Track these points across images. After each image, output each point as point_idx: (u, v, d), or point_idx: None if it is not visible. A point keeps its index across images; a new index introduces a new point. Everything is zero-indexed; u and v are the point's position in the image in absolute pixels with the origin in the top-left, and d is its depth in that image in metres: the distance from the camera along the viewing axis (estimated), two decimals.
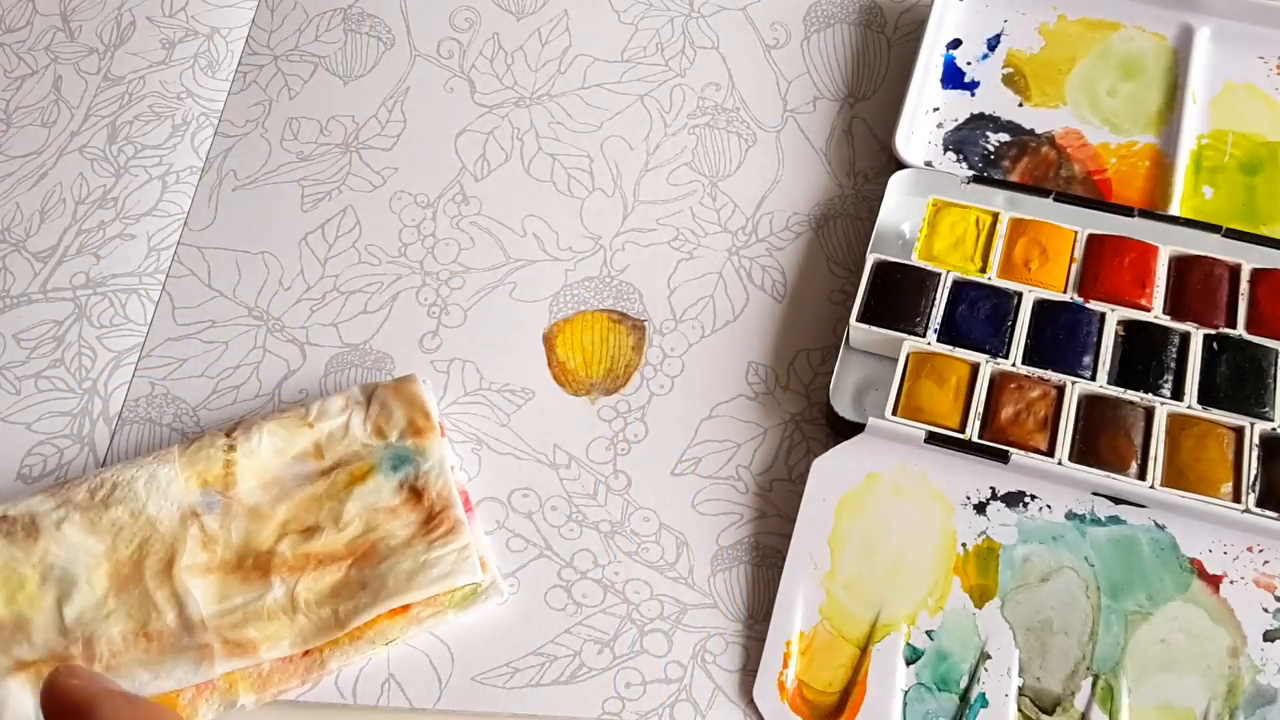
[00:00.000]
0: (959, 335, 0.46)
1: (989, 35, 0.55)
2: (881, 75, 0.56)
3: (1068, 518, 0.43)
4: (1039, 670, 0.41)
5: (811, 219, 0.52)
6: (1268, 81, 0.53)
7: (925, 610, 0.42)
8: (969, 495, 0.44)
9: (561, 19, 0.59)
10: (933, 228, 0.49)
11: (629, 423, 0.47)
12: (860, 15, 0.58)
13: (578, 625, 0.43)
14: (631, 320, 0.50)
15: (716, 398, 0.48)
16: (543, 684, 0.42)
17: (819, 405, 0.47)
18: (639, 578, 0.44)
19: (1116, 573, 0.42)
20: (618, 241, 0.52)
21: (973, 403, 0.44)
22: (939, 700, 0.41)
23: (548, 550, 0.45)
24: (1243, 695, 0.40)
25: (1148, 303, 0.46)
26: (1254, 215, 0.50)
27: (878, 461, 0.44)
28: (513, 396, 0.48)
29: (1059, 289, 0.47)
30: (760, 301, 0.50)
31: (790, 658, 0.42)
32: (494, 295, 0.51)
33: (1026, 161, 0.52)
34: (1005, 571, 0.42)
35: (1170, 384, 0.45)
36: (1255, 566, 0.42)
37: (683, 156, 0.54)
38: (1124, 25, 0.55)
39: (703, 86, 0.56)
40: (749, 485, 0.46)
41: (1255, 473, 0.43)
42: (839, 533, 0.43)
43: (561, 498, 0.46)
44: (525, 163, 0.54)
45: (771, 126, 0.55)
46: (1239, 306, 0.46)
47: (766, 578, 0.44)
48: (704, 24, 0.58)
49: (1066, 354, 0.45)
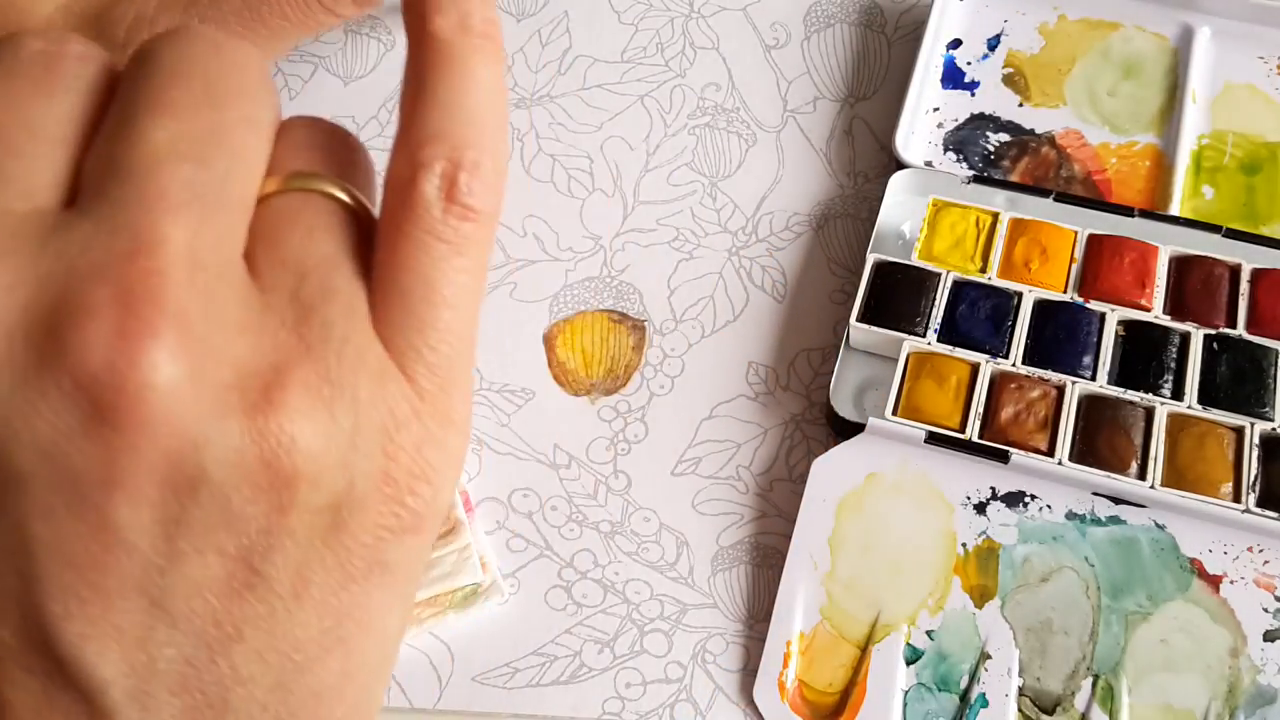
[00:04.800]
0: (959, 335, 0.46)
1: (989, 35, 0.55)
2: (881, 75, 0.56)
3: (1068, 518, 0.43)
4: (1039, 670, 0.41)
5: (811, 219, 0.52)
6: (1268, 81, 0.53)
7: (925, 610, 0.42)
8: (969, 495, 0.44)
9: (561, 20, 0.59)
10: (933, 228, 0.49)
11: (629, 423, 0.47)
12: (860, 15, 0.58)
13: (578, 625, 0.43)
14: (631, 320, 0.50)
15: (716, 398, 0.48)
16: (543, 684, 0.42)
17: (819, 405, 0.47)
18: (639, 578, 0.44)
19: (1117, 573, 0.42)
20: (618, 242, 0.52)
21: (973, 403, 0.44)
22: (939, 700, 0.41)
23: (548, 550, 0.45)
24: (1243, 695, 0.40)
25: (1148, 303, 0.46)
26: (1254, 215, 0.50)
27: (878, 461, 0.44)
28: (513, 397, 0.48)
29: (1059, 289, 0.47)
30: (760, 301, 0.50)
31: (790, 658, 0.42)
32: (494, 295, 0.51)
33: (1026, 161, 0.52)
34: (1005, 572, 0.42)
35: (1170, 384, 0.45)
36: (1255, 566, 0.42)
37: (683, 157, 0.54)
38: (1124, 25, 0.55)
39: (703, 87, 0.56)
40: (749, 485, 0.46)
41: (1255, 473, 0.43)
42: (839, 533, 0.43)
43: (562, 498, 0.46)
44: (525, 163, 0.54)
45: (771, 126, 0.55)
46: (1239, 306, 0.46)
47: (766, 578, 0.44)
48: (704, 24, 0.58)
49: (1066, 354, 0.45)
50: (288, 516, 0.18)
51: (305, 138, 0.20)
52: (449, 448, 0.20)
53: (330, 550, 0.19)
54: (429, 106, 0.19)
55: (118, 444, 0.17)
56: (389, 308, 0.19)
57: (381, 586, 0.20)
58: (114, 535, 0.17)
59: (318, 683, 0.20)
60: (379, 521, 0.19)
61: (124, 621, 0.18)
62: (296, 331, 0.18)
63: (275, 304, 0.18)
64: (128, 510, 0.17)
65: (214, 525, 0.18)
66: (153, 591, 0.18)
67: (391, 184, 0.19)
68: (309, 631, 0.19)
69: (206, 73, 0.19)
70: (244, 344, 0.18)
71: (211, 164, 0.18)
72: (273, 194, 0.19)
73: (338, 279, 0.19)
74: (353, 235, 0.20)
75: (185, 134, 0.18)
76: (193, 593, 0.18)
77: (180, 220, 0.17)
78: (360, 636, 0.20)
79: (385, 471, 0.19)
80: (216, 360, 0.17)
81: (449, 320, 0.19)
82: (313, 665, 0.19)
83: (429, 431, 0.19)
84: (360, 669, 0.20)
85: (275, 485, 0.18)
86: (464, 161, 0.19)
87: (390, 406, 0.19)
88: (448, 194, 0.19)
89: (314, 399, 0.18)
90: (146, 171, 0.18)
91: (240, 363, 0.18)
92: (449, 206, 0.19)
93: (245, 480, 0.17)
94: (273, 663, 0.19)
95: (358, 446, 0.18)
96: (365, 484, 0.19)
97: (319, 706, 0.20)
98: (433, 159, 0.19)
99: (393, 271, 0.19)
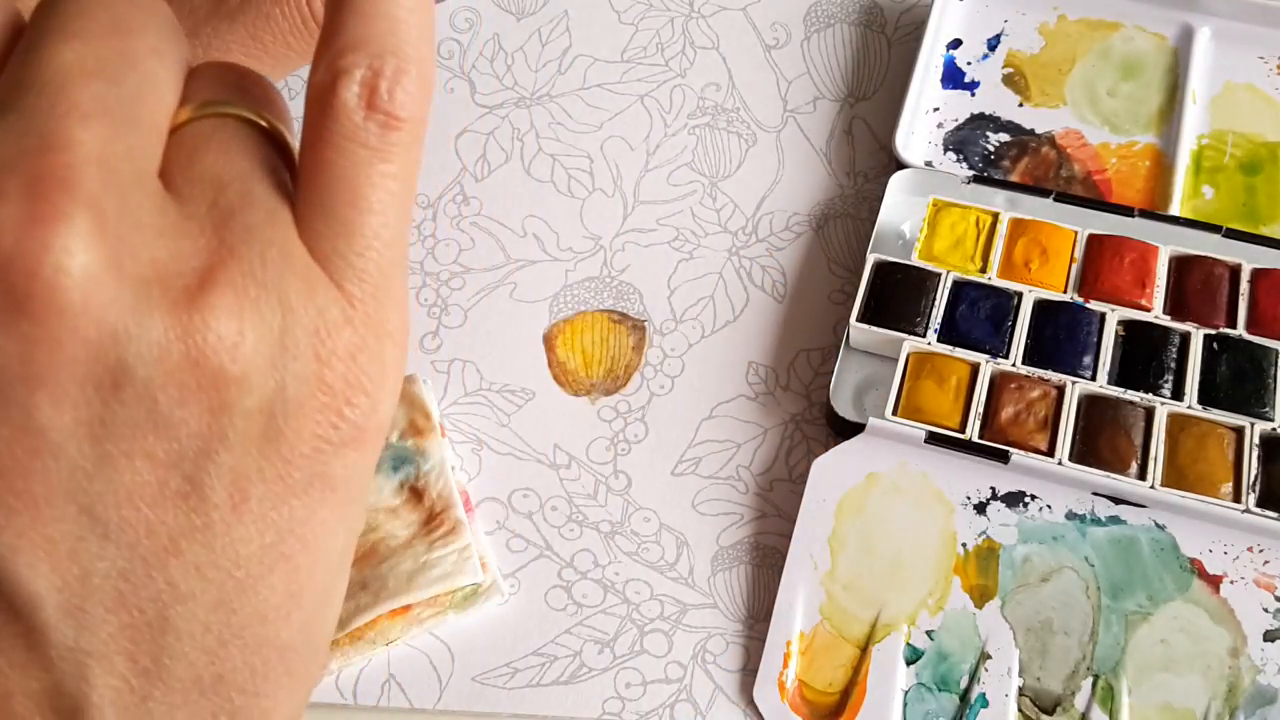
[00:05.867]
0: (959, 335, 0.46)
1: (989, 35, 0.55)
2: (881, 75, 0.56)
3: (1068, 518, 0.43)
4: (1039, 670, 0.41)
5: (811, 219, 0.52)
6: (1268, 81, 0.53)
7: (925, 610, 0.42)
8: (969, 495, 0.44)
9: (561, 19, 0.59)
10: (933, 228, 0.49)
11: (629, 423, 0.47)
12: (860, 15, 0.58)
13: (578, 625, 0.43)
14: (631, 320, 0.50)
15: (716, 398, 0.48)
16: (543, 684, 0.42)
17: (819, 405, 0.47)
18: (639, 578, 0.44)
19: (1117, 573, 0.42)
20: (618, 242, 0.52)
21: (973, 403, 0.44)
22: (939, 700, 0.41)
23: (548, 550, 0.45)
24: (1243, 695, 0.40)
25: (1148, 303, 0.46)
26: (1254, 215, 0.50)
27: (878, 461, 0.44)
28: (513, 397, 0.48)
29: (1059, 289, 0.47)
30: (760, 301, 0.50)
31: (790, 658, 0.42)
32: (494, 295, 0.51)
33: (1027, 161, 0.52)
34: (1005, 571, 0.42)
35: (1170, 384, 0.45)
36: (1255, 566, 0.42)
37: (683, 157, 0.54)
38: (1124, 25, 0.55)
39: (703, 87, 0.56)
40: (749, 485, 0.46)
41: (1255, 473, 0.43)
42: (839, 533, 0.43)
43: (562, 498, 0.46)
44: (525, 163, 0.54)
45: (771, 126, 0.55)
46: (1239, 306, 0.46)
47: (766, 578, 0.44)
48: (704, 24, 0.58)
49: (1066, 354, 0.45)
50: (219, 418, 0.17)
51: (217, 74, 0.20)
52: (385, 359, 0.19)
53: (268, 460, 0.18)
54: (350, 15, 0.19)
55: (35, 336, 0.16)
56: (313, 217, 0.19)
57: (324, 503, 0.19)
58: (39, 438, 0.16)
59: (262, 603, 0.19)
60: (316, 432, 0.18)
61: (54, 532, 0.17)
62: (218, 235, 0.18)
63: (193, 213, 0.18)
64: (51, 410, 0.16)
65: (141, 427, 0.17)
66: (81, 499, 0.17)
67: (312, 93, 0.19)
68: (250, 547, 0.18)
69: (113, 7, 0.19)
70: (162, 246, 0.17)
71: (121, 82, 0.18)
72: (185, 122, 0.19)
73: (257, 189, 0.19)
74: (270, 156, 0.19)
75: (94, 54, 0.18)
76: (124, 501, 0.17)
77: (91, 127, 0.17)
78: (304, 555, 0.19)
79: (319, 376, 0.18)
80: (134, 257, 0.17)
81: (376, 227, 0.19)
82: (255, 583, 0.19)
83: (363, 340, 0.19)
84: (305, 589, 0.20)
85: (203, 385, 0.17)
86: (384, 69, 0.19)
87: (319, 309, 0.18)
88: (369, 101, 0.19)
89: (240, 298, 0.17)
90: (56, 86, 0.17)
91: (160, 263, 0.17)
92: (370, 114, 0.19)
93: (171, 379, 0.17)
94: (213, 579, 0.18)
95: (287, 348, 0.18)
96: (298, 388, 0.18)
97: (264, 628, 0.19)
98: (353, 65, 0.19)
99: (316, 179, 0.19)
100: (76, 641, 0.18)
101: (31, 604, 0.17)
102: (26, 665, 0.18)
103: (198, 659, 0.19)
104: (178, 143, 0.19)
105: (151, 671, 0.18)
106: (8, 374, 0.16)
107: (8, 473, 0.17)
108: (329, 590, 0.20)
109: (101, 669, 0.18)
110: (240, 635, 0.19)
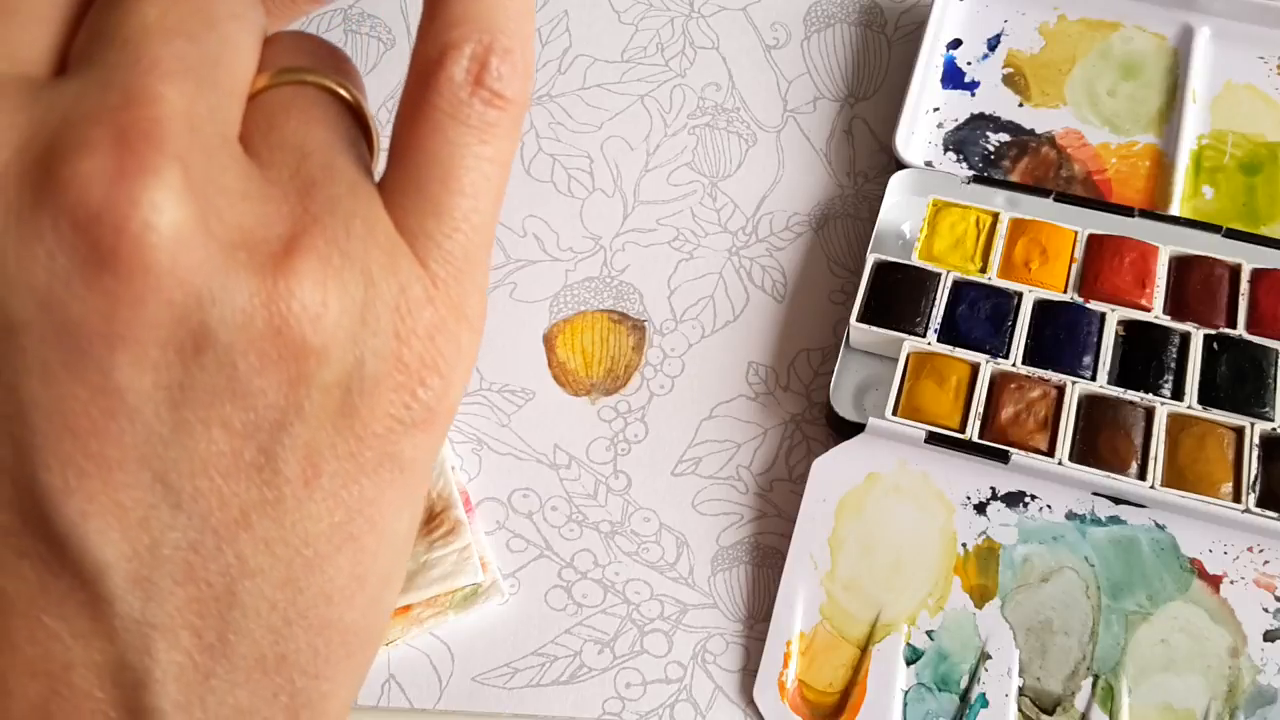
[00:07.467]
0: (959, 335, 0.46)
1: (989, 35, 0.55)
2: (881, 75, 0.56)
3: (1068, 518, 0.43)
4: (1039, 670, 0.41)
5: (811, 219, 0.52)
6: (1268, 81, 0.53)
7: (925, 610, 0.42)
8: (969, 495, 0.44)
9: (561, 19, 0.59)
10: (933, 228, 0.49)
11: (629, 423, 0.47)
12: (860, 15, 0.58)
13: (578, 625, 0.43)
14: (631, 320, 0.50)
15: (716, 398, 0.48)
16: (543, 684, 0.42)
17: (819, 405, 0.47)
18: (639, 578, 0.44)
19: (1117, 573, 0.42)
20: (618, 242, 0.52)
21: (973, 403, 0.44)
22: (939, 700, 0.41)
23: (548, 551, 0.45)
24: (1243, 695, 0.40)
25: (1148, 303, 0.46)
26: (1254, 215, 0.50)
27: (878, 461, 0.44)
28: (513, 397, 0.48)
29: (1059, 289, 0.47)
30: (760, 301, 0.50)
31: (790, 658, 0.42)
32: (494, 295, 0.51)
33: (1027, 161, 0.52)
34: (1005, 571, 0.42)
35: (1170, 384, 0.45)
36: (1255, 566, 0.42)
37: (683, 157, 0.54)
38: (1124, 25, 0.55)
39: (703, 86, 0.56)
40: (749, 485, 0.46)
41: (1255, 473, 0.43)
42: (839, 533, 0.43)
43: (562, 498, 0.46)
44: (525, 163, 0.54)
45: (771, 126, 0.55)
46: (1239, 306, 0.46)
47: (766, 578, 0.44)
48: (704, 24, 0.58)
49: (1066, 354, 0.45)
50: (296, 390, 0.17)
51: (294, 42, 0.20)
52: (462, 342, 0.19)
53: (341, 437, 0.18)
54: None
55: (119, 293, 0.15)
56: (403, 192, 0.18)
57: (392, 484, 0.19)
58: (117, 399, 0.16)
59: (328, 583, 0.18)
60: (390, 411, 0.18)
61: (126, 498, 0.16)
62: (301, 204, 0.17)
63: (277, 179, 0.17)
64: (131, 371, 0.16)
65: (220, 394, 0.16)
66: (156, 465, 0.16)
67: (416, 66, 0.19)
68: (319, 525, 0.18)
69: None
70: (248, 210, 0.17)
71: (202, 42, 0.17)
72: (264, 89, 0.19)
73: (339, 160, 0.18)
74: (350, 127, 0.19)
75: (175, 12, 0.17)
76: (198, 470, 0.17)
77: (175, 85, 0.16)
78: (370, 536, 0.19)
79: (397, 355, 0.18)
80: (220, 219, 0.16)
81: (466, 210, 0.18)
82: (323, 563, 0.18)
83: (443, 320, 0.18)
84: (370, 572, 0.19)
85: (284, 355, 0.17)
86: (495, 46, 0.18)
87: (402, 285, 0.18)
88: (476, 77, 0.18)
89: (324, 266, 0.17)
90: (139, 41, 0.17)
91: (245, 227, 0.17)
92: (476, 90, 0.18)
93: (253, 346, 0.16)
94: (281, 556, 0.18)
95: (368, 322, 0.17)
96: (376, 365, 0.17)
97: (329, 609, 0.19)
98: (463, 40, 0.18)
99: (410, 154, 0.18)
100: (143, 614, 0.17)
101: (99, 572, 0.16)
102: (90, 636, 0.17)
103: (262, 637, 0.18)
104: (257, 108, 0.18)
105: (216, 648, 0.18)
106: (88, 329, 0.16)
107: (83, 434, 0.16)
108: (391, 574, 0.20)
109: (166, 643, 0.17)
110: (305, 615, 0.18)
